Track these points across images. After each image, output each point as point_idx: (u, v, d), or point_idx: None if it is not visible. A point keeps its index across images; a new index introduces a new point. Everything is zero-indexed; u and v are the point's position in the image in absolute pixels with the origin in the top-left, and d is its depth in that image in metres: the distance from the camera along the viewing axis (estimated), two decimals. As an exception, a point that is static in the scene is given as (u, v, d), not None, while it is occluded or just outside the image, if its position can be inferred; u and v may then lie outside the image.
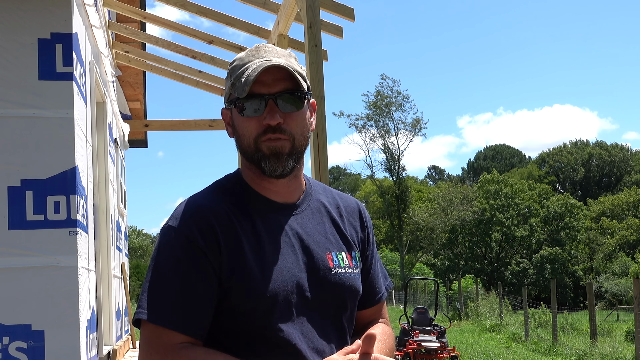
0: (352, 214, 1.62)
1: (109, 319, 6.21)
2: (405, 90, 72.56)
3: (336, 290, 1.48)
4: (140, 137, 10.50)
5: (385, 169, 50.55)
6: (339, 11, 5.50)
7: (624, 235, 52.39)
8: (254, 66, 1.43)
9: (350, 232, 1.58)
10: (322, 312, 1.46)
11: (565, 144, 70.28)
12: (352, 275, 1.51)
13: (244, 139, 1.47)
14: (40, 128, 3.84)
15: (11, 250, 3.70)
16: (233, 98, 1.47)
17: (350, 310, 1.53)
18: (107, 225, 6.23)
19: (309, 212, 1.53)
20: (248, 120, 1.45)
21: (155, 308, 1.37)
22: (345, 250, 1.54)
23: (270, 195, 1.50)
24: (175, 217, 1.44)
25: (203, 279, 1.38)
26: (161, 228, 1.47)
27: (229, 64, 1.52)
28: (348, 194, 1.71)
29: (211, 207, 1.44)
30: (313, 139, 4.46)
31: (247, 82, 1.41)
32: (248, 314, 1.38)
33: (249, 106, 1.44)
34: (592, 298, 13.51)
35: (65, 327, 3.75)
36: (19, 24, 3.85)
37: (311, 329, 1.42)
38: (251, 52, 1.49)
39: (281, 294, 1.40)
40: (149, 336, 1.38)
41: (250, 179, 1.51)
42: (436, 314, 13.58)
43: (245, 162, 1.51)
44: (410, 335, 11.37)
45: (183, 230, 1.41)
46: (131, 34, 7.36)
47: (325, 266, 1.47)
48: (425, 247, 50.67)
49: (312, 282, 1.45)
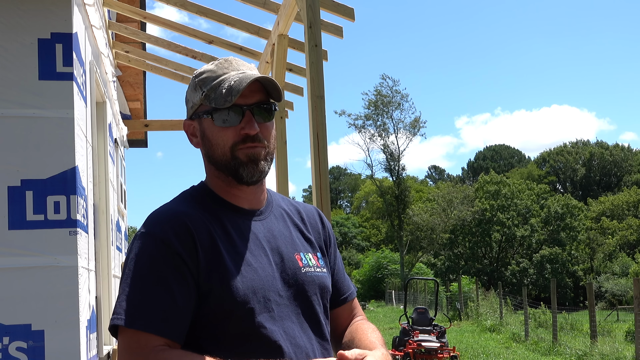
0: (312, 218, 1.69)
1: (109, 319, 6.21)
2: (404, 89, 72.63)
3: (309, 288, 1.52)
4: (140, 137, 10.50)
5: (385, 169, 50.58)
6: (339, 11, 5.50)
7: (624, 235, 52.39)
8: (236, 78, 1.47)
9: (313, 234, 1.64)
10: (298, 310, 1.49)
11: (566, 144, 70.30)
12: (321, 274, 1.57)
13: (217, 149, 1.50)
14: (40, 128, 3.84)
15: (11, 250, 3.70)
16: (206, 109, 1.50)
17: (324, 307, 1.57)
18: (107, 225, 6.23)
19: (273, 217, 1.59)
20: (224, 130, 1.49)
21: (132, 313, 1.37)
22: (310, 251, 1.59)
23: (238, 202, 1.54)
24: (149, 225, 1.44)
25: (181, 282, 1.39)
26: (134, 236, 1.46)
27: (195, 75, 1.54)
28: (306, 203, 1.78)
29: (185, 211, 1.46)
30: (313, 139, 4.46)
31: (235, 92, 1.45)
32: (228, 314, 1.40)
33: (226, 116, 1.48)
34: (592, 298, 13.51)
35: (65, 327, 3.75)
36: (19, 24, 3.85)
37: (291, 326, 1.45)
38: (223, 65, 1.53)
39: (260, 292, 1.42)
40: (128, 341, 1.37)
41: (219, 188, 1.55)
42: (436, 314, 13.59)
43: (214, 172, 1.54)
44: (410, 335, 11.38)
45: (158, 234, 1.41)
46: (131, 34, 7.36)
47: (295, 266, 1.52)
48: (425, 247, 50.66)
49: (285, 281, 1.49)
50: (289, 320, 1.45)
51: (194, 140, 1.56)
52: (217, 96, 1.47)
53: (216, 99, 1.47)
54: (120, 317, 1.37)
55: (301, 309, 1.50)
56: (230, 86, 1.46)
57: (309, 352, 1.45)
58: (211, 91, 1.49)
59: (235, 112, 1.48)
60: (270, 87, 1.51)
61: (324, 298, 1.57)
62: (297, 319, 1.48)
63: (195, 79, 1.54)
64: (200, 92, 1.51)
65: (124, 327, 1.36)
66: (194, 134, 1.56)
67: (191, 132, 1.57)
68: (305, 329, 1.48)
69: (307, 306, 1.51)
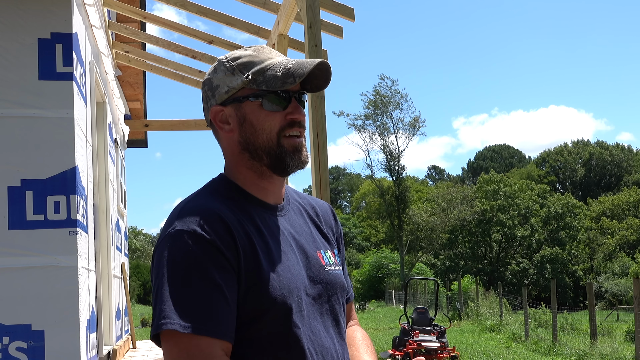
0: (326, 213, 1.65)
1: (108, 319, 6.21)
2: (404, 89, 72.67)
3: (331, 287, 1.50)
4: (140, 137, 10.50)
5: (385, 169, 50.58)
6: (339, 11, 5.50)
7: (624, 235, 52.39)
8: (293, 62, 1.44)
9: (327, 231, 1.61)
10: (322, 309, 1.47)
11: (567, 144, 70.31)
12: (339, 272, 1.55)
13: (262, 133, 1.45)
14: (40, 128, 3.84)
15: (11, 250, 3.70)
16: (253, 92, 1.45)
17: (343, 306, 1.55)
18: (107, 225, 6.23)
19: (292, 212, 1.55)
20: (271, 114, 1.44)
21: (187, 316, 1.27)
22: (329, 248, 1.57)
23: (265, 196, 1.50)
24: (183, 221, 1.36)
25: (227, 281, 1.32)
26: (166, 235, 1.37)
27: (227, 60, 1.49)
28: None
29: (219, 207, 1.39)
30: (313, 138, 4.46)
31: (298, 75, 1.41)
32: (265, 314, 1.35)
33: (277, 100, 1.45)
34: (592, 298, 13.51)
35: (65, 327, 3.75)
36: (19, 24, 3.85)
37: (317, 326, 1.43)
38: (262, 51, 1.49)
39: (294, 291, 1.39)
40: (187, 347, 1.27)
41: (248, 180, 1.49)
42: (436, 314, 13.59)
43: (247, 162, 1.48)
44: (410, 335, 11.38)
45: (198, 231, 1.33)
46: (131, 34, 7.36)
47: (319, 264, 1.49)
48: (425, 247, 50.68)
49: (311, 279, 1.46)
50: (314, 320, 1.43)
51: (225, 128, 1.48)
52: (270, 79, 1.42)
53: (268, 82, 1.42)
54: (173, 322, 1.26)
55: (324, 308, 1.47)
56: (288, 69, 1.42)
57: (332, 352, 1.44)
58: (258, 74, 1.44)
59: (283, 97, 1.45)
60: (319, 76, 1.48)
61: (342, 297, 1.55)
62: (320, 319, 1.45)
63: (231, 63, 1.47)
64: (242, 76, 1.45)
65: (180, 332, 1.26)
66: (225, 120, 1.48)
67: (220, 119, 1.48)
68: (328, 328, 1.46)
69: (330, 305, 1.49)
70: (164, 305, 1.28)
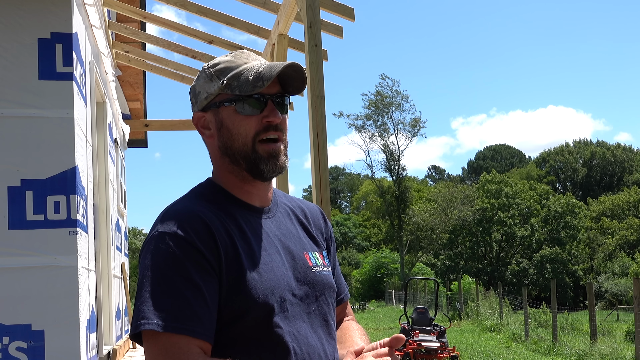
0: (316, 216, 1.67)
1: (108, 318, 6.22)
2: (405, 90, 72.70)
3: (319, 288, 1.52)
4: (140, 137, 10.50)
5: (385, 169, 50.58)
6: (339, 11, 5.50)
7: (624, 235, 52.39)
8: (264, 65, 1.46)
9: (316, 233, 1.63)
10: (309, 310, 1.48)
11: (568, 143, 70.33)
12: (328, 273, 1.57)
13: (238, 138, 1.47)
14: (40, 128, 3.84)
15: (11, 250, 3.70)
16: (227, 97, 1.47)
17: (332, 306, 1.57)
18: (107, 225, 6.23)
19: (280, 215, 1.57)
20: (246, 118, 1.46)
21: (166, 316, 1.30)
22: (317, 250, 1.59)
23: (250, 199, 1.52)
24: (167, 224, 1.39)
25: (207, 282, 1.35)
26: (149, 237, 1.41)
27: (208, 67, 1.51)
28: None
29: (201, 210, 1.42)
30: (313, 138, 4.46)
31: (266, 78, 1.42)
32: (247, 314, 1.37)
33: (251, 104, 1.46)
34: (592, 298, 13.51)
35: (65, 327, 3.75)
36: (19, 24, 3.85)
37: (303, 326, 1.44)
38: (240, 56, 1.51)
39: (277, 292, 1.41)
40: (165, 346, 1.30)
41: (231, 184, 1.52)
42: (436, 314, 13.58)
43: (228, 167, 1.50)
44: (410, 335, 11.37)
45: (179, 233, 1.37)
46: (131, 34, 7.37)
47: (305, 265, 1.51)
48: (425, 247, 50.67)
49: (298, 280, 1.48)
50: (300, 320, 1.44)
51: (207, 133, 1.52)
52: (243, 83, 1.45)
53: (241, 86, 1.45)
54: (152, 322, 1.29)
55: (312, 308, 1.49)
56: (259, 72, 1.44)
57: (320, 352, 1.45)
58: (233, 79, 1.46)
59: (259, 101, 1.46)
60: (296, 78, 1.49)
61: (331, 297, 1.57)
62: (307, 319, 1.47)
63: (210, 69, 1.50)
64: (218, 82, 1.48)
65: (158, 332, 1.29)
66: (206, 126, 1.52)
67: (202, 125, 1.52)
68: (316, 328, 1.48)
69: (317, 306, 1.50)
70: (143, 305, 1.32)
